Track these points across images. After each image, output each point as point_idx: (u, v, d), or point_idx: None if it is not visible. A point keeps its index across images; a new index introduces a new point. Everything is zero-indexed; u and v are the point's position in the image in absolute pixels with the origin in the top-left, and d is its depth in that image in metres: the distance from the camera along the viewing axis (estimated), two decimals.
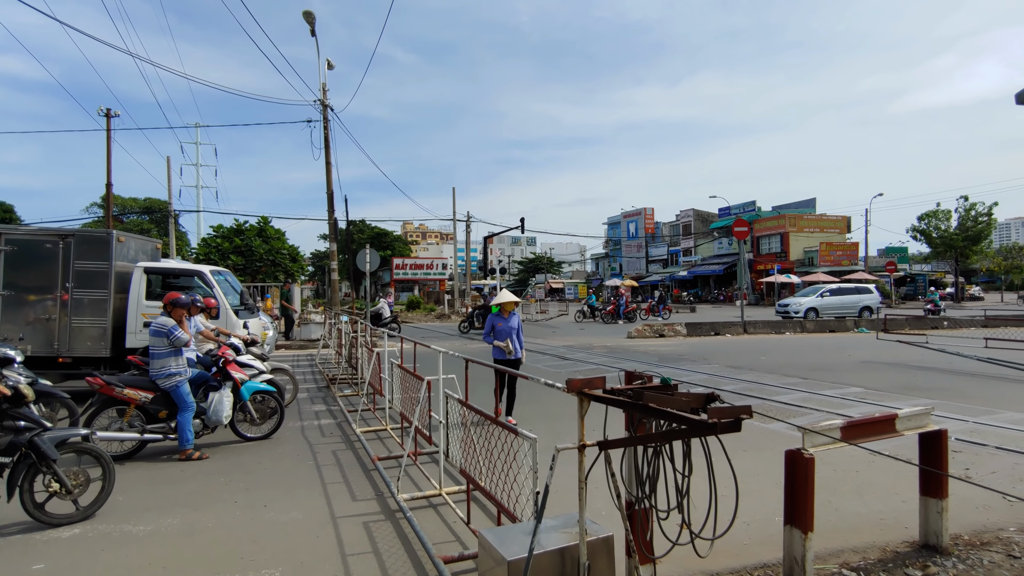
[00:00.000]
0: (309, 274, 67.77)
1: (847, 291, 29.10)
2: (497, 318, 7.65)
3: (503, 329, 7.62)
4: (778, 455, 3.83)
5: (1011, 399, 9.10)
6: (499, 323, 7.63)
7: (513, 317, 7.71)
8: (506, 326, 7.62)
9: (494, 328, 7.67)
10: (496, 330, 7.66)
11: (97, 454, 4.89)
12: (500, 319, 7.64)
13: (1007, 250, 57.54)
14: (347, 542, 4.30)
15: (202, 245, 32.43)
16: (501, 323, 7.62)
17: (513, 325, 7.68)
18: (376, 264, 19.79)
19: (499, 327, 7.63)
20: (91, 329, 9.44)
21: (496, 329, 7.65)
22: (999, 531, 4.35)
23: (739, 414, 2.30)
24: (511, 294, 7.85)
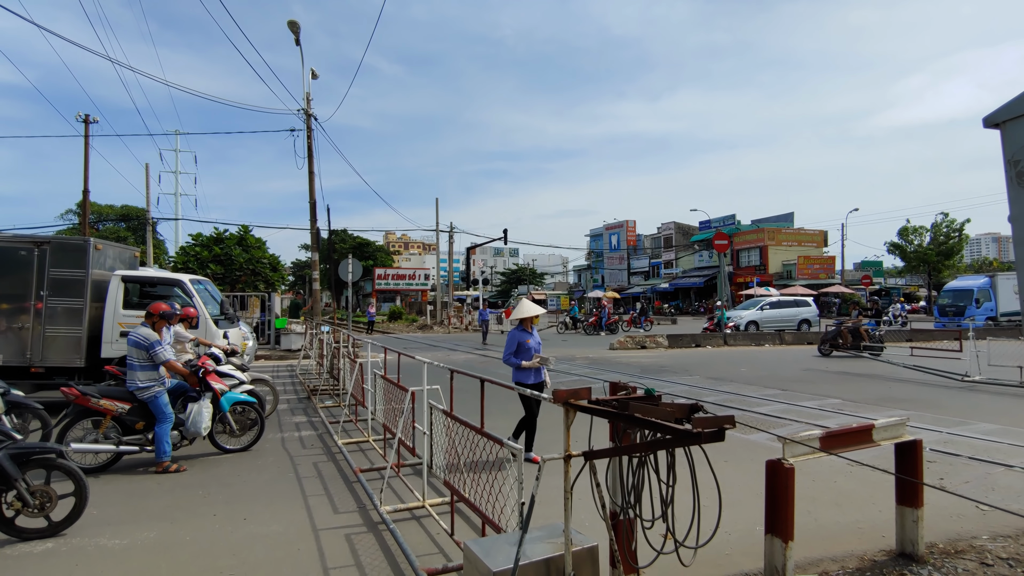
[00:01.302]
0: (290, 284, 67.06)
1: (786, 304, 29.85)
2: (522, 334, 6.53)
3: (531, 347, 6.52)
4: (759, 465, 3.89)
5: (984, 410, 9.33)
6: (526, 340, 6.50)
7: (535, 332, 6.74)
8: (533, 343, 6.57)
9: (519, 347, 6.49)
10: (522, 349, 6.50)
11: (67, 470, 4.69)
12: (526, 335, 6.54)
13: (978, 264, 59.04)
14: (329, 555, 4.25)
15: (180, 253, 32.01)
16: (529, 340, 6.51)
17: (539, 340, 6.73)
18: (358, 274, 19.71)
19: (526, 345, 6.49)
20: (66, 338, 9.24)
21: (522, 348, 6.50)
22: (972, 539, 4.45)
23: (722, 424, 2.34)
24: (535, 304, 6.74)
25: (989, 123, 2.39)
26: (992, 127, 2.37)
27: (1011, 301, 28.38)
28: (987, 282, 29.27)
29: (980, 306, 28.23)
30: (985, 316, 27.49)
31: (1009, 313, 28.06)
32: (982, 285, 29.08)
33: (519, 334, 6.52)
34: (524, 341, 6.49)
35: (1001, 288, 28.33)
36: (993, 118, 2.38)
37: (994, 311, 27.96)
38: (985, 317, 27.18)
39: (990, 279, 29.38)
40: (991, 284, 28.81)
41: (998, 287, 28.34)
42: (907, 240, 49.60)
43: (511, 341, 6.52)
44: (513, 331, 6.60)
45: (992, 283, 28.83)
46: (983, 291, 28.69)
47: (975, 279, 31.01)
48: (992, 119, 2.39)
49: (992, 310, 28.06)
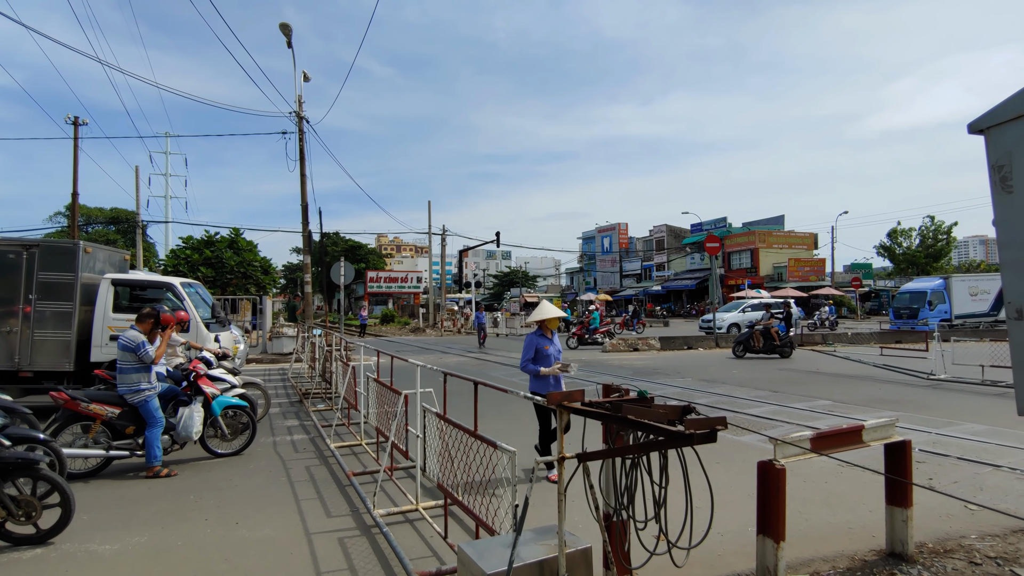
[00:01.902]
0: (281, 287, 66.78)
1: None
2: (540, 339, 6.07)
3: (550, 353, 6.07)
4: (750, 467, 3.92)
5: (972, 411, 9.43)
6: (545, 346, 6.05)
7: (555, 337, 6.26)
8: (553, 348, 6.12)
9: (538, 353, 6.04)
10: (540, 355, 6.05)
11: (51, 480, 4.60)
12: (544, 340, 6.08)
13: (965, 267, 59.69)
14: (322, 559, 4.24)
15: (171, 256, 31.79)
16: (548, 346, 6.07)
17: (559, 346, 6.27)
18: (350, 277, 19.66)
19: (545, 351, 6.05)
20: (55, 342, 9.17)
21: (540, 354, 6.04)
22: (961, 539, 4.50)
23: (714, 425, 2.37)
24: (554, 307, 6.27)
25: (974, 129, 2.44)
26: (977, 133, 2.42)
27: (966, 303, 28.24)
28: (941, 284, 29.08)
29: (933, 308, 28.06)
30: (939, 318, 27.18)
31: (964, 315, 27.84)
32: (936, 287, 28.93)
33: (537, 339, 6.08)
34: (543, 347, 6.04)
35: (956, 290, 28.15)
36: (978, 124, 2.43)
37: (948, 313, 27.74)
38: (939, 319, 26.87)
39: (944, 281, 29.21)
40: (945, 286, 28.61)
41: (952, 289, 28.17)
42: (896, 242, 50.10)
43: (528, 346, 6.07)
44: (531, 335, 6.15)
45: (947, 285, 28.62)
46: (936, 293, 28.49)
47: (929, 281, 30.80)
48: (977, 125, 2.43)
49: (946, 312, 27.83)
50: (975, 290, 28.86)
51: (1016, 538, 4.49)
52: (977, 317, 28.54)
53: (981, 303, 28.61)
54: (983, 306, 28.72)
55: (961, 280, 29.22)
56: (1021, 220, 2.31)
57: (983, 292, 28.94)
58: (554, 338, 6.21)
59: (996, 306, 28.81)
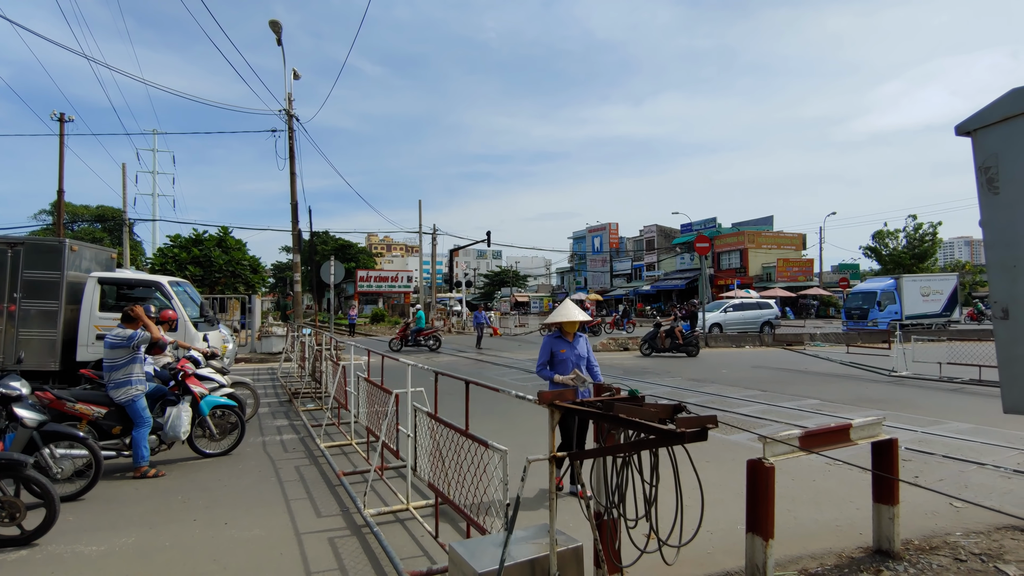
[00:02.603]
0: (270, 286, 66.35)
1: (749, 307, 29.96)
2: (557, 342, 5.39)
3: (567, 358, 5.34)
4: (740, 465, 3.95)
5: (958, 410, 9.55)
6: (561, 349, 5.35)
7: (580, 341, 5.50)
8: (571, 354, 5.37)
9: (554, 357, 5.38)
10: (557, 360, 5.36)
11: (36, 481, 4.55)
12: (562, 343, 5.39)
13: (951, 267, 60.42)
14: (312, 559, 4.22)
15: (158, 255, 31.48)
16: (565, 349, 5.35)
17: (582, 353, 5.48)
18: (340, 276, 19.58)
19: (561, 356, 5.35)
20: (40, 341, 9.05)
21: (557, 359, 5.35)
22: (947, 535, 4.56)
23: (705, 424, 2.38)
24: (578, 308, 5.53)
25: (961, 131, 2.47)
26: (964, 135, 2.45)
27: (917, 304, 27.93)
28: (892, 284, 28.74)
29: (883, 309, 27.77)
30: (889, 319, 26.73)
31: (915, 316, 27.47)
32: (886, 287, 28.62)
33: (554, 342, 5.41)
34: (559, 351, 5.36)
35: (907, 291, 27.82)
36: (965, 126, 2.46)
37: (899, 314, 27.31)
38: (889, 320, 26.45)
39: (895, 281, 28.83)
40: (896, 286, 28.32)
41: (903, 290, 27.86)
42: (882, 243, 50.58)
43: (544, 349, 5.42)
44: (548, 337, 5.50)
45: (897, 285, 28.30)
46: (887, 293, 28.18)
47: (880, 281, 30.46)
48: (964, 127, 2.46)
49: (897, 313, 27.44)
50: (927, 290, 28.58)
51: (1000, 535, 4.55)
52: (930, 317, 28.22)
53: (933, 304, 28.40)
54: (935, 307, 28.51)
55: (912, 281, 28.92)
56: (1007, 221, 2.34)
57: (935, 292, 28.71)
58: (576, 342, 5.46)
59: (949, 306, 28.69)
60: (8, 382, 5.29)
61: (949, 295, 28.75)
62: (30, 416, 5.25)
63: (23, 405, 5.27)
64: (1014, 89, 2.26)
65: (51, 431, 5.48)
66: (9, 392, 5.19)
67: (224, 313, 24.52)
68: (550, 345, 5.41)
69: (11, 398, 5.20)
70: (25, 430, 5.23)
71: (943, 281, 29.44)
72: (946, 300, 28.76)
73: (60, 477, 5.44)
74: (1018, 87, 2.24)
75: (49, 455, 5.41)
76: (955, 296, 28.88)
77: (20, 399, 5.28)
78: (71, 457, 5.57)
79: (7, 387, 5.21)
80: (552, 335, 5.51)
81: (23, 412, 5.22)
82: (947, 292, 28.85)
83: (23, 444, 5.26)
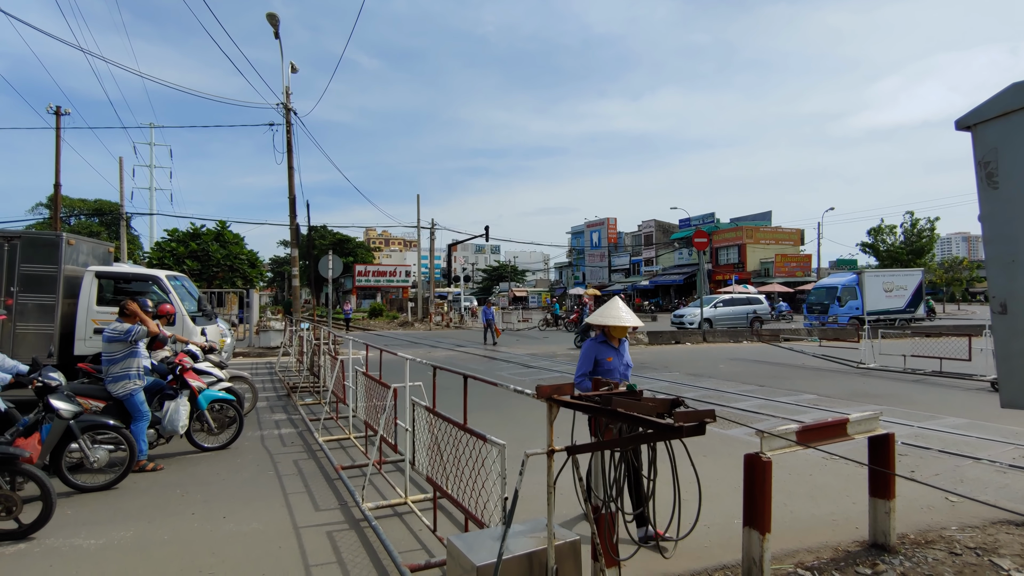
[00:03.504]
0: (268, 280, 66.26)
1: (739, 302, 29.86)
2: (603, 348, 4.67)
3: (614, 368, 4.64)
4: (737, 460, 3.96)
5: (954, 405, 9.59)
6: (607, 357, 4.65)
7: (625, 347, 4.83)
8: (619, 363, 4.69)
9: (597, 366, 4.64)
10: (601, 369, 4.62)
11: (32, 475, 4.57)
12: (607, 350, 4.67)
13: (948, 263, 60.53)
14: (310, 552, 4.23)
15: (156, 249, 31.40)
16: (612, 357, 4.65)
17: (627, 361, 4.80)
18: (339, 271, 19.54)
19: (607, 364, 4.63)
20: (37, 335, 9.02)
21: (601, 367, 4.63)
22: (942, 530, 4.58)
23: (703, 418, 2.38)
24: (629, 311, 4.67)
25: (961, 125, 2.47)
26: (964, 129, 2.45)
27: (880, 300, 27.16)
28: (853, 280, 28.17)
29: (843, 304, 27.43)
30: (849, 315, 26.56)
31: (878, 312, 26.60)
32: (847, 283, 28.15)
33: (598, 347, 4.69)
34: (604, 358, 4.62)
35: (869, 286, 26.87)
36: (965, 120, 2.46)
37: (860, 309, 26.44)
38: (849, 316, 26.26)
39: (857, 276, 28.00)
40: (858, 282, 27.50)
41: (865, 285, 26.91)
42: (879, 239, 50.67)
43: (585, 356, 4.67)
44: (590, 342, 4.78)
45: (859, 281, 27.48)
46: (847, 289, 27.76)
47: (842, 276, 29.84)
48: (964, 121, 2.46)
49: (858, 308, 26.77)
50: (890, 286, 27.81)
51: (995, 529, 4.58)
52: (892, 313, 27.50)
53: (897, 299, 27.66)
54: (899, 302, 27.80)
55: (875, 276, 28.20)
56: (1006, 216, 2.34)
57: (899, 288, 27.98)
58: (622, 348, 4.77)
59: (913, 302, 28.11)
60: (47, 373, 5.34)
61: (913, 291, 28.11)
62: (66, 407, 5.31)
63: (59, 396, 5.32)
64: (1015, 83, 2.26)
65: (86, 422, 5.56)
66: (49, 382, 5.24)
67: (222, 307, 24.48)
68: (594, 352, 4.66)
69: (50, 388, 5.23)
70: (61, 421, 5.29)
71: (907, 276, 28.76)
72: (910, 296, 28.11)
73: (96, 467, 5.57)
74: (1019, 81, 2.23)
75: (86, 445, 5.50)
76: (920, 292, 28.24)
77: (56, 390, 5.33)
78: (106, 447, 5.74)
79: (47, 378, 5.26)
80: (596, 340, 4.77)
81: (59, 403, 5.28)
82: (911, 288, 28.21)
83: (59, 435, 5.35)
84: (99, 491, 5.58)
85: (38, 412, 5.20)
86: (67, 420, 5.33)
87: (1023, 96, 2.20)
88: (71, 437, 5.44)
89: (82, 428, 5.50)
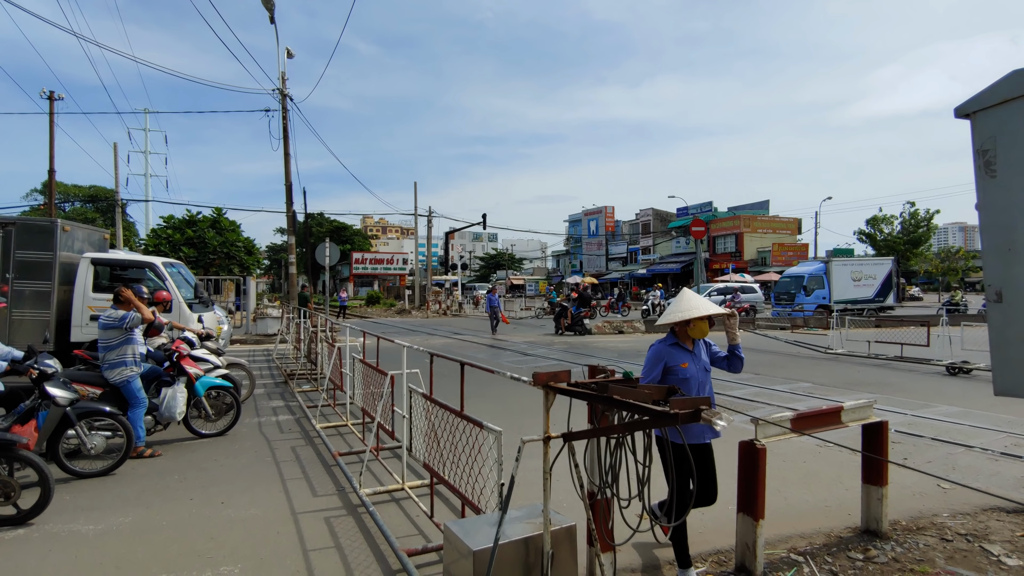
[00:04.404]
0: (265, 268, 66.07)
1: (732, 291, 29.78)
2: (675, 352, 3.68)
3: (691, 376, 3.63)
4: (732, 447, 3.99)
5: (947, 393, 9.66)
6: (681, 363, 3.64)
7: (701, 348, 3.80)
8: (695, 369, 3.67)
9: (668, 373, 3.65)
10: (673, 377, 3.63)
11: (29, 461, 4.58)
12: (681, 353, 3.68)
13: (944, 253, 60.67)
14: (308, 537, 4.26)
15: (152, 236, 31.26)
16: (687, 363, 3.65)
17: (707, 365, 3.80)
18: (336, 258, 19.50)
19: (680, 372, 3.62)
20: (33, 322, 9.01)
21: (674, 376, 3.62)
22: (933, 516, 4.63)
23: (698, 405, 2.39)
24: (704, 300, 3.70)
25: (960, 113, 2.46)
26: (963, 117, 2.44)
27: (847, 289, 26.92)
28: (820, 268, 27.69)
29: (810, 294, 26.99)
30: (816, 304, 26.12)
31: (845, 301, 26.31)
32: (813, 272, 27.69)
33: (669, 351, 3.67)
34: (677, 364, 3.62)
35: (836, 275, 26.84)
36: (964, 108, 2.45)
37: (827, 298, 26.41)
38: (816, 305, 25.85)
39: (824, 265, 27.73)
40: (825, 271, 27.30)
41: (832, 274, 26.89)
42: (877, 228, 50.70)
43: (652, 361, 3.68)
44: (658, 345, 3.74)
45: (827, 269, 27.30)
46: (814, 278, 27.32)
47: (810, 265, 29.36)
48: (963, 109, 2.46)
49: (825, 297, 26.55)
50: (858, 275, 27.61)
51: (986, 516, 4.63)
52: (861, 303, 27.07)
53: (865, 288, 27.40)
54: (867, 292, 27.48)
55: (843, 265, 27.94)
56: (1003, 204, 2.34)
57: (868, 277, 27.74)
58: (699, 350, 3.77)
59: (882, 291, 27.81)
60: (43, 360, 5.32)
61: (883, 280, 27.83)
62: (62, 394, 5.29)
63: (55, 383, 5.31)
64: (1014, 71, 2.25)
65: (83, 408, 5.57)
66: (46, 370, 5.23)
67: (219, 295, 24.44)
68: (663, 356, 3.65)
69: (47, 375, 5.23)
70: (58, 408, 5.29)
71: (876, 266, 28.45)
72: (879, 285, 27.84)
73: (93, 453, 5.58)
74: (1018, 69, 2.22)
75: (83, 432, 5.51)
76: (889, 281, 27.93)
77: (52, 377, 5.32)
78: (103, 434, 5.74)
79: (43, 365, 5.24)
80: (666, 342, 3.73)
81: (55, 390, 5.26)
82: (881, 277, 27.93)
83: (56, 422, 5.35)
84: (96, 477, 5.60)
85: (34, 399, 5.20)
86: (63, 407, 5.32)
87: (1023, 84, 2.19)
88: (68, 424, 5.45)
89: (79, 415, 5.51)
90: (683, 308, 3.64)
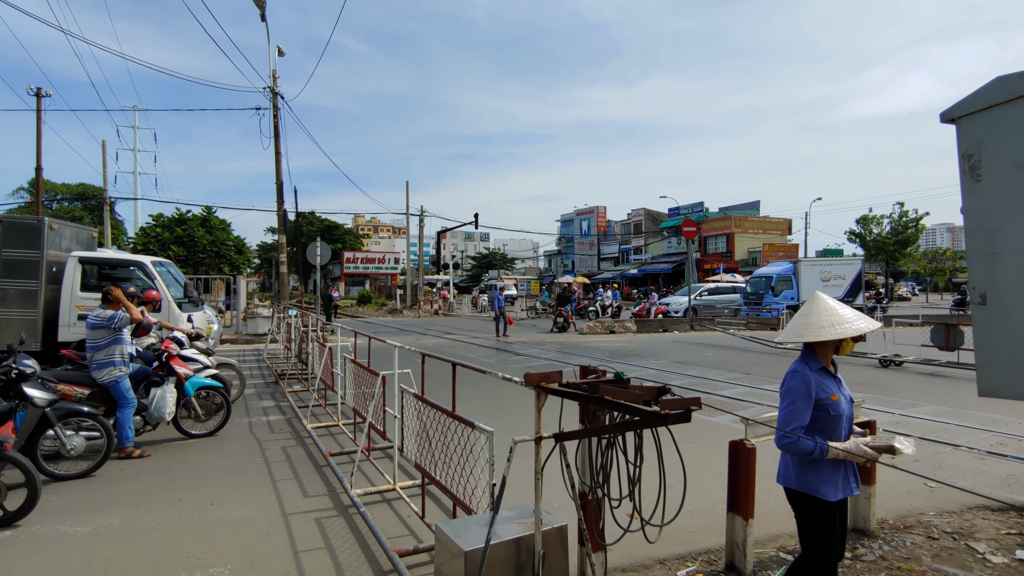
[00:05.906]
0: (255, 267, 65.71)
1: (723, 291, 30.00)
2: (821, 378, 2.80)
3: (841, 411, 2.82)
4: (722, 447, 4.02)
5: (934, 393, 9.77)
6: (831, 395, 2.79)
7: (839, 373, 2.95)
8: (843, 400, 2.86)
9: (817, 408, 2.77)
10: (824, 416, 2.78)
11: (13, 460, 4.51)
12: (829, 382, 2.83)
13: (932, 254, 61.30)
14: (299, 538, 4.25)
15: (140, 235, 31.01)
16: (836, 395, 2.81)
17: (848, 392, 2.96)
18: (327, 257, 19.41)
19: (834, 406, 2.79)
20: (19, 321, 8.90)
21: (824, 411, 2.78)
22: (920, 515, 4.69)
23: (689, 405, 2.41)
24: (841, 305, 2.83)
25: (946, 118, 2.50)
26: (949, 122, 2.48)
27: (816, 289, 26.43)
28: (788, 269, 27.80)
29: (778, 294, 26.92)
30: (784, 304, 25.88)
31: None
32: (781, 272, 27.70)
33: (814, 377, 2.78)
34: (828, 397, 2.77)
35: (804, 275, 26.85)
36: (950, 113, 2.49)
37: (796, 299, 26.45)
38: (784, 305, 25.64)
39: (793, 265, 27.88)
40: (794, 271, 27.39)
41: (801, 274, 26.93)
42: (866, 229, 51.11)
43: (799, 395, 2.75)
44: (804, 371, 2.79)
45: (795, 270, 27.37)
46: (782, 279, 27.32)
47: (778, 266, 29.43)
48: (949, 114, 2.49)
49: (793, 298, 26.55)
50: (827, 275, 27.56)
51: (972, 514, 4.69)
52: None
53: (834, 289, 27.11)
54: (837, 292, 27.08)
55: (811, 265, 28.05)
56: (988, 208, 2.38)
57: (837, 277, 27.70)
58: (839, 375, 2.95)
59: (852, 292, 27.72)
60: (21, 360, 5.25)
61: (852, 280, 27.87)
62: (40, 395, 5.22)
63: (32, 384, 5.24)
64: (999, 77, 2.29)
65: (62, 409, 5.49)
66: (24, 370, 5.15)
67: (208, 294, 24.29)
68: (811, 385, 2.75)
69: (24, 376, 5.16)
70: (36, 409, 5.21)
71: (846, 266, 28.51)
72: (848, 285, 27.80)
73: (73, 454, 5.48)
74: (1003, 75, 2.26)
75: (62, 433, 5.41)
76: (859, 281, 27.99)
77: (30, 377, 5.24)
78: (86, 435, 5.66)
79: (21, 365, 5.17)
80: (812, 366, 2.82)
81: (33, 391, 5.19)
82: (850, 277, 27.96)
83: (34, 423, 5.25)
84: (76, 479, 5.51)
85: (12, 400, 5.13)
86: (42, 408, 5.24)
87: (1007, 90, 2.23)
88: (47, 425, 5.34)
89: (58, 416, 5.41)
90: (842, 318, 2.71)
